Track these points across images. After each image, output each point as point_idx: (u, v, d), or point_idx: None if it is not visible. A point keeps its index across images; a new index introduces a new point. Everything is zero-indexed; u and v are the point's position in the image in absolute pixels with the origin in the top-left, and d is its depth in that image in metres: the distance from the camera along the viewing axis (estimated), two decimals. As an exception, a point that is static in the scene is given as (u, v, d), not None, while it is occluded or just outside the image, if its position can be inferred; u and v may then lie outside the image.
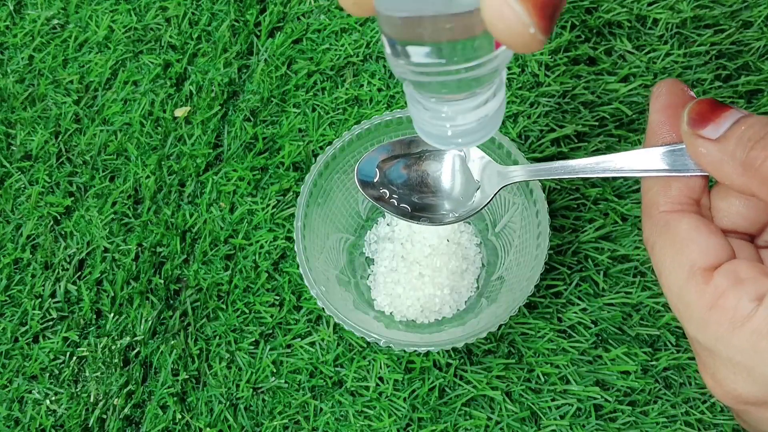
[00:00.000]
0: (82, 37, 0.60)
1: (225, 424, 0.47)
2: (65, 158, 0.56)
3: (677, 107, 0.27)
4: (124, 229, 0.53)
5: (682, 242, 0.25)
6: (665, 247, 0.26)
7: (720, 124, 0.24)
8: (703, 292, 0.24)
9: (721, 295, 0.24)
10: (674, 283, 0.25)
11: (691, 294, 0.25)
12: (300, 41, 0.57)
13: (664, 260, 0.26)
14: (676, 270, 0.25)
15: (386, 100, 0.54)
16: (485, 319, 0.41)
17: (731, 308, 0.23)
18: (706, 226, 0.26)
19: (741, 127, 0.24)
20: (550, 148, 0.51)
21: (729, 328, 0.23)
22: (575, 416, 0.45)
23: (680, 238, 0.25)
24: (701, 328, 0.24)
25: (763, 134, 0.23)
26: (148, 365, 0.49)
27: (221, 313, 0.50)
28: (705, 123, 0.24)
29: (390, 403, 0.46)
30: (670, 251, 0.26)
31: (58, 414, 0.49)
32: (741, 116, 0.24)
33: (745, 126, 0.24)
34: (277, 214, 0.52)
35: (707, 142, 0.24)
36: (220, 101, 0.56)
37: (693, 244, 0.25)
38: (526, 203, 0.43)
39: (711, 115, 0.24)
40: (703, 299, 0.24)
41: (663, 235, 0.26)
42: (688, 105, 0.25)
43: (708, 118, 0.24)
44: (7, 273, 0.53)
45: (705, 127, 0.24)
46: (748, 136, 0.23)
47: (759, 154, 0.23)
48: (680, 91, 0.27)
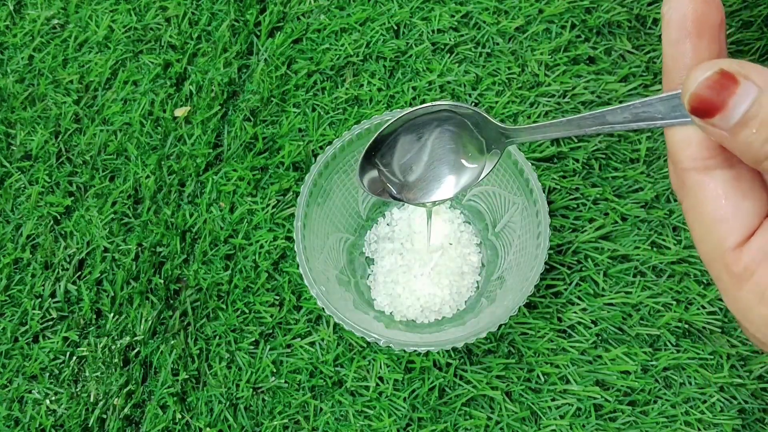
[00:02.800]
0: (82, 36, 0.60)
1: (225, 424, 0.47)
2: (65, 158, 0.56)
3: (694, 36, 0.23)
4: (124, 229, 0.53)
5: (708, 220, 0.23)
6: (692, 216, 0.24)
7: (732, 111, 0.20)
8: (732, 273, 0.23)
9: (751, 275, 0.22)
10: (704, 253, 0.24)
11: (722, 272, 0.23)
12: (300, 41, 0.57)
13: (692, 226, 0.24)
14: (704, 244, 0.24)
15: (386, 100, 0.54)
16: (485, 319, 0.41)
17: (759, 293, 0.22)
18: (733, 183, 0.23)
19: (752, 128, 0.20)
20: (550, 147, 0.51)
21: (757, 313, 0.22)
22: (575, 416, 0.45)
23: (706, 213, 0.23)
24: (732, 302, 0.23)
25: None
26: (148, 365, 0.49)
27: (221, 313, 0.50)
28: (711, 113, 0.21)
29: (390, 402, 0.46)
30: (697, 225, 0.24)
31: (58, 414, 0.49)
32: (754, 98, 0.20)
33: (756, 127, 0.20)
34: (277, 214, 0.52)
35: (721, 131, 0.21)
36: (220, 101, 0.56)
37: (717, 224, 0.23)
38: (526, 203, 0.43)
39: (717, 101, 0.21)
40: (732, 279, 0.23)
41: (688, 198, 0.24)
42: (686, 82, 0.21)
43: (714, 106, 0.21)
44: (7, 273, 0.53)
45: (712, 117, 0.21)
46: (761, 141, 0.20)
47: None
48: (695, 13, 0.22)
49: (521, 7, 0.55)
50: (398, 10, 0.57)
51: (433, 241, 0.48)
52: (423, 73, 0.55)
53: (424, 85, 0.54)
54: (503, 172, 0.44)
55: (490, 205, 0.47)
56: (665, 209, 0.49)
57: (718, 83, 0.21)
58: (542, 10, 0.55)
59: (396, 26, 0.56)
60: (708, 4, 0.23)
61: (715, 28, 0.23)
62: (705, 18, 0.23)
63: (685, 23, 0.23)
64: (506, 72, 0.54)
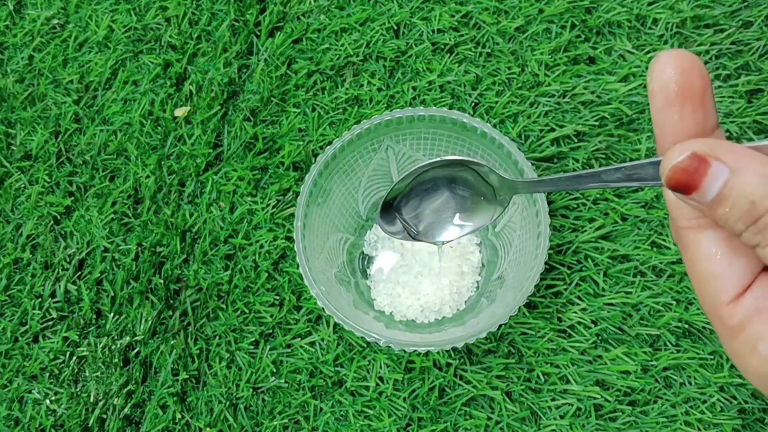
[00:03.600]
0: (82, 36, 0.60)
1: (225, 424, 0.47)
2: (65, 158, 0.56)
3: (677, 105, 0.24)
4: (124, 228, 0.53)
5: (703, 276, 0.25)
6: (690, 271, 0.25)
7: (706, 189, 0.22)
8: (726, 326, 0.24)
9: (742, 330, 0.24)
10: (702, 304, 0.25)
11: (717, 324, 0.25)
12: (300, 41, 0.57)
13: (691, 279, 0.26)
14: (702, 297, 0.25)
15: (386, 100, 0.54)
16: (485, 319, 0.41)
17: (750, 344, 0.24)
18: (724, 248, 0.24)
19: (725, 207, 0.22)
20: (550, 147, 0.51)
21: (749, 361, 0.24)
22: (575, 416, 0.45)
23: (702, 269, 0.25)
24: (728, 350, 0.25)
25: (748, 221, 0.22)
26: (148, 365, 0.49)
27: (221, 312, 0.50)
28: (688, 192, 0.22)
29: (390, 402, 0.46)
30: (695, 279, 0.25)
31: (58, 414, 0.49)
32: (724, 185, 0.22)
33: (729, 206, 0.22)
34: (277, 214, 0.52)
35: (702, 205, 0.23)
36: (220, 101, 0.56)
37: (711, 280, 0.24)
38: (526, 203, 0.43)
39: (691, 183, 0.22)
40: (727, 331, 0.24)
41: (685, 254, 0.25)
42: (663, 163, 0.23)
43: (689, 187, 0.22)
44: (7, 273, 0.53)
45: (689, 195, 0.22)
46: (734, 219, 0.22)
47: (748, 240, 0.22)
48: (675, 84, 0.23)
49: (521, 7, 0.55)
50: (398, 10, 0.57)
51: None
52: (423, 73, 0.55)
53: (424, 85, 0.54)
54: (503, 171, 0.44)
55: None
56: (665, 209, 0.49)
57: (691, 166, 0.22)
58: (542, 10, 0.55)
59: (396, 26, 0.56)
60: (688, 74, 0.23)
61: (698, 96, 0.23)
62: (687, 87, 0.23)
63: (667, 93, 0.24)
64: (506, 72, 0.54)
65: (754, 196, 0.21)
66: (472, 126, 0.43)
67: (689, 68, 0.23)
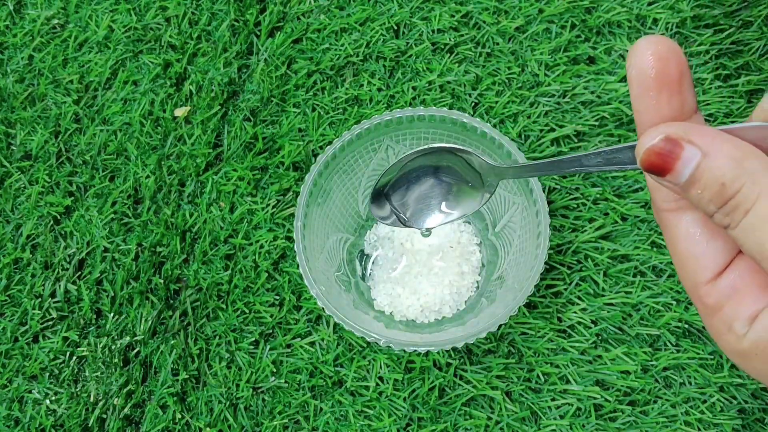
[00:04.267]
0: (82, 36, 0.60)
1: (225, 424, 0.47)
2: (65, 158, 0.56)
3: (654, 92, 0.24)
4: (124, 228, 0.53)
5: (681, 258, 0.26)
6: (671, 251, 0.26)
7: (680, 171, 0.23)
8: (706, 304, 0.25)
9: (721, 309, 0.25)
10: (683, 283, 0.26)
11: (697, 302, 0.26)
12: (300, 41, 0.57)
13: (673, 260, 0.27)
14: (682, 277, 0.26)
15: (386, 100, 0.54)
16: (485, 319, 0.41)
17: (729, 324, 0.24)
18: (703, 230, 0.25)
19: (698, 189, 0.22)
20: (550, 147, 0.51)
21: (727, 338, 0.25)
22: (575, 416, 0.45)
23: (681, 250, 0.26)
24: (708, 327, 0.26)
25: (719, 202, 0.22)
26: (148, 365, 0.49)
27: (221, 312, 0.50)
28: (662, 174, 0.23)
29: (390, 402, 0.46)
30: (676, 260, 0.26)
31: (58, 414, 0.49)
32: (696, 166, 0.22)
33: (701, 188, 0.22)
34: (277, 214, 0.52)
35: (677, 187, 0.23)
36: (220, 101, 0.56)
37: (691, 260, 0.25)
38: (526, 203, 0.43)
39: (664, 165, 0.23)
40: (705, 310, 0.25)
41: (666, 235, 0.26)
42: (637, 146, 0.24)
43: (663, 169, 0.23)
44: (7, 273, 0.53)
45: (664, 177, 0.23)
46: (706, 201, 0.22)
47: (720, 220, 0.22)
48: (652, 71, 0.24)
49: (521, 7, 0.55)
50: (398, 10, 0.57)
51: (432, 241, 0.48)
52: (423, 73, 0.55)
53: (424, 85, 0.54)
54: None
55: (490, 205, 0.47)
56: (665, 209, 0.49)
57: (664, 149, 0.23)
58: (542, 10, 0.55)
59: (396, 26, 0.56)
60: (666, 61, 0.24)
61: (675, 83, 0.24)
62: (663, 74, 0.24)
63: (644, 80, 0.24)
64: (506, 72, 0.54)
65: (724, 179, 0.22)
66: (472, 126, 0.43)
67: (666, 55, 0.23)
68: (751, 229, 0.22)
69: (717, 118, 0.51)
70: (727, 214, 0.22)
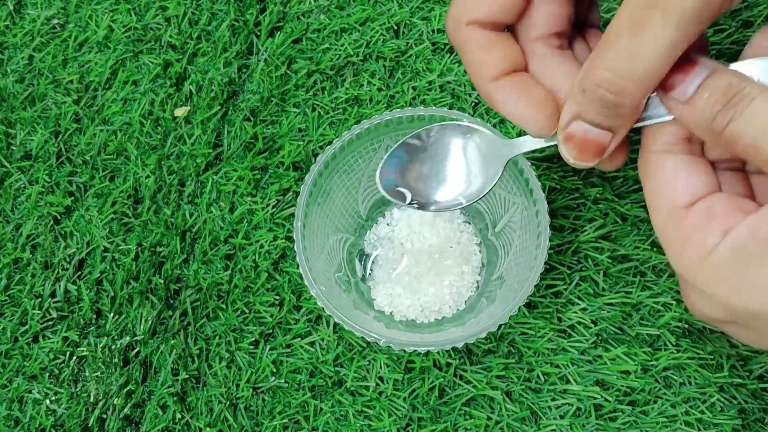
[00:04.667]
0: (82, 36, 0.60)
1: (225, 424, 0.47)
2: (65, 158, 0.56)
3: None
4: (123, 228, 0.53)
5: (664, 182, 0.27)
6: (651, 185, 0.28)
7: (688, 85, 0.25)
8: (680, 227, 0.26)
9: (695, 229, 0.26)
10: (658, 218, 0.28)
11: (671, 229, 0.27)
12: (300, 41, 0.57)
13: (650, 197, 0.28)
14: (659, 207, 0.27)
15: (386, 100, 0.54)
16: (485, 319, 0.41)
17: (701, 242, 0.25)
18: (690, 164, 0.27)
19: (704, 93, 0.25)
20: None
21: (697, 260, 0.26)
22: (575, 416, 0.45)
23: (664, 177, 0.27)
24: (678, 259, 0.27)
25: (723, 102, 0.24)
26: (148, 365, 0.49)
27: (221, 312, 0.50)
28: (674, 84, 0.26)
29: (390, 402, 0.46)
30: (656, 190, 0.28)
31: (58, 414, 0.49)
32: (706, 76, 0.25)
33: (707, 92, 0.25)
34: (277, 214, 0.52)
35: (679, 104, 0.26)
36: (220, 101, 0.56)
37: (674, 183, 0.27)
38: (526, 203, 0.43)
39: (679, 75, 0.25)
40: (680, 234, 0.26)
41: (650, 175, 0.28)
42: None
43: (676, 79, 0.25)
44: (7, 273, 0.53)
45: (674, 89, 0.25)
46: (711, 103, 0.24)
47: (719, 124, 0.24)
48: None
49: (521, 7, 0.55)
50: (398, 10, 0.57)
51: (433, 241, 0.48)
52: (423, 73, 0.55)
53: (424, 85, 0.54)
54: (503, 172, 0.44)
55: (490, 204, 0.47)
56: (665, 209, 0.49)
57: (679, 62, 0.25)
58: (542, 10, 0.55)
59: (396, 26, 0.56)
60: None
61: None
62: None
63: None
64: (506, 72, 0.54)
65: (731, 80, 0.24)
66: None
67: None
68: (754, 115, 0.23)
69: (717, 118, 0.51)
70: (733, 106, 0.24)
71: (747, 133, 0.24)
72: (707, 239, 0.25)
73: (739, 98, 0.24)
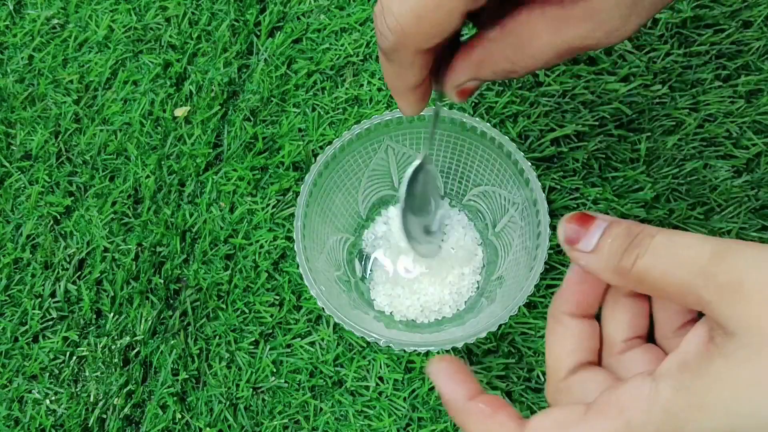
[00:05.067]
0: (82, 36, 0.60)
1: (225, 424, 0.47)
2: (65, 158, 0.56)
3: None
4: (123, 228, 0.53)
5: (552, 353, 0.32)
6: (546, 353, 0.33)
7: (591, 237, 0.27)
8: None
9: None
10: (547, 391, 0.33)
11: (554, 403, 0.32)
12: (300, 41, 0.57)
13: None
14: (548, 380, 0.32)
15: (386, 100, 0.54)
16: (485, 319, 0.41)
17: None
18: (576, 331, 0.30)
19: (608, 239, 0.26)
20: (549, 147, 0.51)
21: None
22: (575, 416, 0.45)
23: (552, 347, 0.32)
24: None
25: (626, 244, 0.26)
26: (148, 365, 0.49)
27: (221, 312, 0.50)
28: (578, 238, 0.27)
29: (390, 402, 0.46)
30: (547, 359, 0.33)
31: (58, 414, 0.49)
32: (606, 226, 0.27)
33: (611, 238, 0.26)
34: (277, 214, 0.52)
35: (585, 254, 0.27)
36: (220, 101, 0.56)
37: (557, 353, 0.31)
38: (526, 203, 0.43)
39: (581, 229, 0.27)
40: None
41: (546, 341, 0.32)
42: (562, 221, 0.28)
43: (579, 232, 0.27)
44: (7, 273, 0.53)
45: (578, 242, 0.27)
46: (615, 247, 0.26)
47: (627, 264, 0.25)
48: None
49: (521, 7, 0.55)
50: (398, 10, 0.57)
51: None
52: (423, 73, 0.55)
53: (424, 85, 0.54)
54: (503, 172, 0.44)
55: (490, 205, 0.47)
56: (665, 209, 0.49)
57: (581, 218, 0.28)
58: (542, 10, 0.55)
59: (396, 26, 0.56)
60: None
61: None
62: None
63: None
64: (506, 72, 0.54)
65: (630, 225, 0.26)
66: (472, 126, 0.43)
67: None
68: (659, 248, 0.25)
69: (717, 118, 0.51)
70: (637, 245, 0.25)
71: (656, 266, 0.25)
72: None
73: (641, 237, 0.25)
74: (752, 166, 0.50)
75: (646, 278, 0.25)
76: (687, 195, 0.49)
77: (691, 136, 0.51)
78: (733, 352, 0.22)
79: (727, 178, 0.49)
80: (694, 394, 0.23)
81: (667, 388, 0.23)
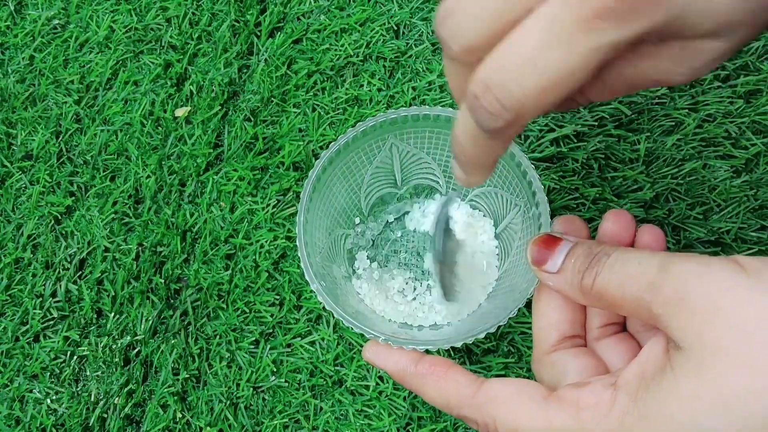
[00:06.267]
0: (83, 37, 0.60)
1: (225, 423, 0.47)
2: (66, 158, 0.56)
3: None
4: (124, 228, 0.53)
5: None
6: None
7: (557, 258, 0.29)
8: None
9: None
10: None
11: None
12: (300, 41, 0.57)
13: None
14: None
15: (386, 100, 0.54)
16: (485, 319, 0.41)
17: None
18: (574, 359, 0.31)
19: (571, 260, 0.29)
20: (549, 147, 0.51)
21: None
22: (575, 415, 0.45)
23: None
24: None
25: (587, 264, 0.28)
26: (149, 364, 0.50)
27: (221, 312, 0.50)
28: (544, 259, 0.30)
29: (390, 402, 0.46)
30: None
31: (58, 413, 0.49)
32: (570, 248, 0.29)
33: (574, 258, 0.29)
34: (277, 214, 0.52)
35: (552, 275, 0.29)
36: (220, 101, 0.56)
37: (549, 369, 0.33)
38: (528, 205, 0.43)
39: (547, 251, 0.30)
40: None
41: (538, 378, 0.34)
42: (530, 242, 0.31)
43: (545, 254, 0.30)
44: (8, 272, 0.53)
45: (545, 263, 0.29)
46: (578, 267, 0.28)
47: (588, 282, 0.27)
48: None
49: (521, 8, 0.55)
50: (398, 11, 0.57)
51: None
52: (423, 74, 0.55)
53: (424, 85, 0.54)
54: (506, 173, 0.44)
55: (492, 206, 0.47)
56: (665, 209, 0.49)
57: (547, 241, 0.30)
58: (542, 11, 0.55)
59: (396, 26, 0.57)
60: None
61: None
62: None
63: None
64: (506, 72, 0.54)
65: (590, 246, 0.28)
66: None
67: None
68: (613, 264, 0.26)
69: (716, 118, 0.51)
70: (595, 264, 0.27)
71: (612, 282, 0.26)
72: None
73: (599, 257, 0.27)
74: (751, 166, 0.50)
75: (605, 295, 0.27)
76: (686, 195, 0.49)
77: (691, 137, 0.51)
78: (680, 365, 0.23)
79: (726, 178, 0.49)
80: (645, 406, 0.24)
81: (625, 399, 0.24)
